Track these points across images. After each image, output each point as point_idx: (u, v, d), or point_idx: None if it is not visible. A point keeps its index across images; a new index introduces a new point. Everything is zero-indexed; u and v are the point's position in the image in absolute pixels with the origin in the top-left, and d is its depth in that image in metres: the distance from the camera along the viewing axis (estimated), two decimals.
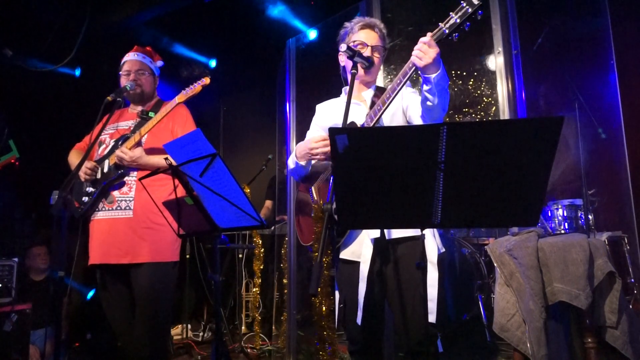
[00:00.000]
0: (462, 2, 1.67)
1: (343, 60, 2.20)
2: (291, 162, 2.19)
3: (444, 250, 2.03)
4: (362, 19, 2.18)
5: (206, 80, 2.50)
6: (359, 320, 1.96)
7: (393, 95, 1.89)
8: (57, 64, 4.98)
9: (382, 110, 1.93)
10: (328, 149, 1.96)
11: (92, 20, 4.80)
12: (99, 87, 3.29)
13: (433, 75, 1.74)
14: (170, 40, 5.58)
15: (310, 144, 2.03)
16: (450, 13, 1.70)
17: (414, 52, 1.75)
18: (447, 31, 1.72)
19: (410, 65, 1.80)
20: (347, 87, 2.20)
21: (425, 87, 1.79)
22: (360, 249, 2.02)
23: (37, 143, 4.68)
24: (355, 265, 2.02)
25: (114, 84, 2.74)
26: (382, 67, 2.70)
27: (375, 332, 2.03)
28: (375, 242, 1.99)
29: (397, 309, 1.94)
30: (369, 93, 2.16)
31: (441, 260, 1.98)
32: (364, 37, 2.12)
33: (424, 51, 1.72)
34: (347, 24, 2.20)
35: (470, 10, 1.66)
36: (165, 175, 2.47)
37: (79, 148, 2.84)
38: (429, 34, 1.74)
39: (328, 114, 2.24)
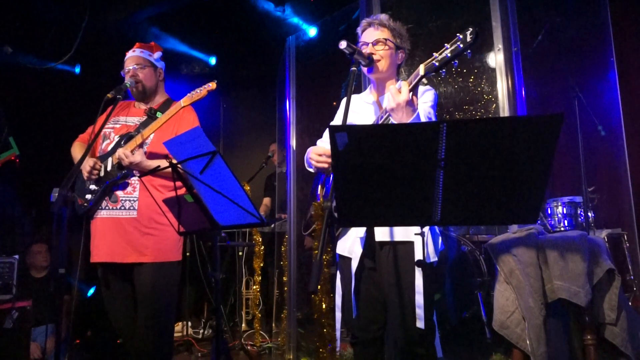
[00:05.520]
0: (458, 34, 1.63)
1: None
2: (305, 161, 2.26)
3: (436, 258, 2.00)
4: (362, 21, 2.17)
5: (212, 85, 2.47)
6: (353, 313, 2.00)
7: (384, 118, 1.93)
8: (57, 61, 4.97)
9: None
10: (326, 165, 2.07)
11: (92, 18, 4.79)
12: (99, 84, 3.29)
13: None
14: (170, 38, 5.57)
15: (314, 155, 2.10)
16: (445, 44, 1.66)
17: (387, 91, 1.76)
18: (437, 64, 1.69)
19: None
20: (371, 85, 2.23)
21: None
22: (352, 246, 2.06)
23: (37, 140, 4.68)
24: (349, 261, 2.06)
25: (114, 81, 2.72)
26: None
27: (373, 326, 2.04)
28: (364, 241, 2.02)
29: (389, 309, 1.98)
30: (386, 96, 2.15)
31: (431, 267, 1.96)
32: (364, 38, 2.13)
33: (393, 94, 1.73)
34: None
35: (461, 46, 1.62)
36: (170, 177, 2.48)
37: (82, 139, 2.82)
38: (410, 77, 1.74)
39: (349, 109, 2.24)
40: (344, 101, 2.34)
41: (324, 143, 2.34)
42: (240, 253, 4.86)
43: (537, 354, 2.33)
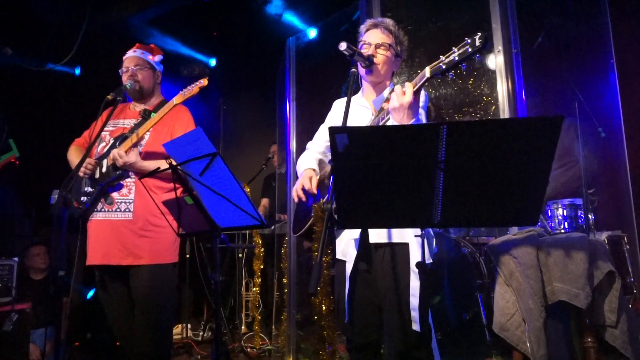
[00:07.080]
0: (466, 38, 1.60)
1: None
2: (298, 171, 2.27)
3: (430, 260, 1.99)
4: (368, 21, 2.16)
5: (204, 82, 2.48)
6: (346, 318, 1.99)
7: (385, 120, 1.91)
8: (57, 62, 4.98)
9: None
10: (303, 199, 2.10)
11: (92, 19, 4.80)
12: (99, 86, 3.28)
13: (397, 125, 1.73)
14: (170, 39, 5.57)
15: (299, 185, 2.12)
16: (453, 48, 1.63)
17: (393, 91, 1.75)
18: (444, 67, 1.65)
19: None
20: (363, 88, 2.23)
21: None
22: (347, 248, 2.04)
23: (37, 142, 4.67)
24: (343, 264, 2.05)
25: (114, 83, 2.73)
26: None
27: (368, 329, 2.02)
28: (359, 243, 2.00)
29: (384, 311, 1.96)
30: (379, 99, 2.12)
31: (427, 269, 1.96)
32: (367, 37, 2.11)
33: (397, 94, 1.72)
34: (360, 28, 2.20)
35: (470, 50, 1.59)
36: (165, 178, 2.48)
37: (78, 144, 2.82)
38: (415, 79, 1.73)
39: (339, 113, 2.22)
40: (335, 103, 2.34)
41: (315, 145, 2.34)
42: (240, 255, 4.85)
43: (537, 356, 2.32)
